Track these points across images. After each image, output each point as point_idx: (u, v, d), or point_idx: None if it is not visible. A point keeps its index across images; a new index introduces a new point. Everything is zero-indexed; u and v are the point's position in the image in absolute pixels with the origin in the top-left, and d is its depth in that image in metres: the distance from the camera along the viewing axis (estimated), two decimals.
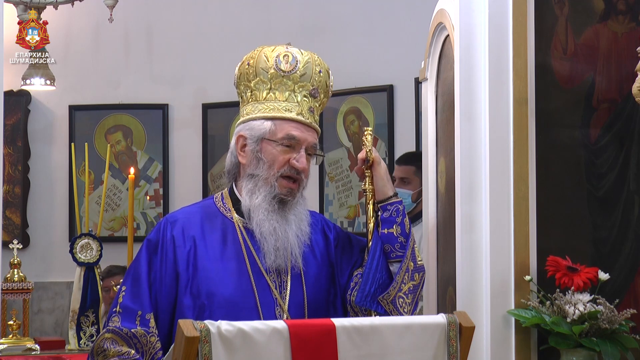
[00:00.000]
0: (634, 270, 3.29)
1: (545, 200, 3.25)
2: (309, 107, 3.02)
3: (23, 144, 6.87)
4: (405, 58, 6.16)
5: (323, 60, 3.07)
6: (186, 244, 2.94)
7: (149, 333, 2.87)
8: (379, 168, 3.04)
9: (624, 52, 3.27)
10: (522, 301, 3.20)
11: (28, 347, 5.44)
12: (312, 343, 2.50)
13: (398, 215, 3.02)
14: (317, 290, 2.99)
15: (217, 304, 2.88)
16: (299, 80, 3.00)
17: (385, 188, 3.04)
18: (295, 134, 2.97)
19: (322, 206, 6.78)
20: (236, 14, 6.88)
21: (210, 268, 2.92)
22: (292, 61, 3.00)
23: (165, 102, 7.00)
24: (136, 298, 2.89)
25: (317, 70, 3.02)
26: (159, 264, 2.92)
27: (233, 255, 2.95)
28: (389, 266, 2.99)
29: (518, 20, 3.25)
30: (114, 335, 2.87)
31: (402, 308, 2.94)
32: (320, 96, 3.05)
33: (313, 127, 3.03)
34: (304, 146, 2.99)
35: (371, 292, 2.92)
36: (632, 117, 3.29)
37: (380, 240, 2.99)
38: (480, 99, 3.27)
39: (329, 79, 3.08)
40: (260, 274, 2.94)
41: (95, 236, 5.69)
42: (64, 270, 6.52)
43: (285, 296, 2.94)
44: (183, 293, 2.90)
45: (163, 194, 7.00)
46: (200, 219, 3.00)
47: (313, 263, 3.02)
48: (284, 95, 3.00)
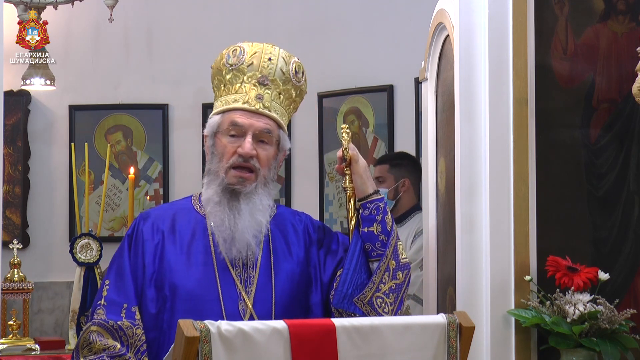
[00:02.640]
0: (634, 270, 3.29)
1: (545, 200, 3.25)
2: (257, 94, 3.00)
3: (23, 144, 6.86)
4: (405, 58, 6.16)
5: (282, 50, 3.06)
6: (155, 237, 2.99)
7: (134, 325, 2.90)
8: (356, 166, 3.00)
9: (624, 52, 3.27)
10: (522, 301, 3.20)
11: (28, 347, 5.44)
12: (312, 343, 2.50)
13: (378, 213, 2.98)
14: (288, 289, 2.97)
15: (179, 296, 2.91)
16: (246, 70, 3.02)
17: (364, 186, 3.00)
18: (238, 121, 2.98)
19: (322, 206, 6.78)
20: (236, 14, 6.88)
21: (175, 261, 2.95)
22: (240, 54, 3.04)
23: (165, 102, 6.99)
24: (121, 291, 2.93)
25: (266, 58, 3.02)
26: (133, 258, 2.97)
27: (200, 248, 2.97)
28: (370, 265, 2.96)
29: (518, 20, 3.25)
30: (99, 327, 2.89)
31: (382, 308, 2.90)
32: (277, 83, 3.02)
33: (262, 113, 3.00)
34: (251, 132, 2.97)
35: (348, 294, 2.89)
36: (632, 117, 3.30)
37: (360, 240, 2.96)
38: (480, 99, 3.27)
39: (288, 65, 3.05)
40: (226, 267, 2.95)
41: (95, 236, 5.69)
42: (64, 270, 6.51)
43: (250, 291, 2.94)
44: (147, 285, 2.94)
45: (163, 194, 6.99)
46: (172, 215, 3.04)
47: (286, 261, 3.00)
48: (235, 88, 3.02)
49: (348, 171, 3.01)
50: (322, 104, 6.80)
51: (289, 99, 3.07)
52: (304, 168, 6.85)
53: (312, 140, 6.81)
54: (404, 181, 5.16)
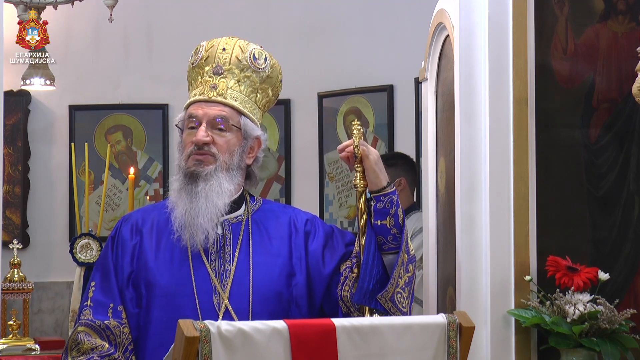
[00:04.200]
0: (634, 270, 3.29)
1: (545, 200, 3.25)
2: (212, 84, 3.03)
3: (23, 144, 6.86)
4: (405, 58, 6.16)
5: (241, 40, 3.08)
6: (134, 238, 3.00)
7: (121, 324, 2.92)
8: (368, 161, 2.97)
9: (624, 52, 3.27)
10: (522, 301, 3.20)
11: (28, 347, 5.44)
12: (312, 343, 2.50)
13: (392, 206, 2.96)
14: (268, 283, 2.95)
15: (154, 293, 2.92)
16: (204, 64, 3.07)
17: (377, 179, 2.97)
18: (193, 112, 3.02)
19: (322, 206, 6.78)
20: (236, 14, 6.88)
21: (152, 259, 2.96)
22: (199, 51, 3.10)
23: (165, 102, 6.99)
24: (107, 292, 2.95)
25: (221, 49, 3.06)
26: (115, 259, 2.99)
27: (176, 244, 2.97)
28: (383, 258, 2.96)
29: (518, 20, 3.25)
30: (86, 328, 2.91)
31: (400, 304, 2.91)
32: (233, 71, 3.03)
33: (215, 100, 3.01)
34: (205, 120, 2.99)
35: (369, 290, 2.88)
36: (632, 117, 3.30)
37: (374, 234, 2.95)
38: (480, 99, 3.27)
39: (244, 53, 3.05)
40: (201, 261, 2.95)
41: (95, 236, 5.69)
42: (64, 270, 6.52)
43: (226, 284, 2.93)
44: (125, 286, 2.95)
45: (163, 194, 6.99)
46: (152, 215, 3.05)
47: (267, 254, 2.99)
48: (197, 84, 3.07)
49: (359, 168, 2.98)
50: (322, 104, 6.80)
51: (251, 86, 3.06)
52: (304, 168, 6.85)
53: (312, 140, 6.81)
54: (400, 180, 5.16)
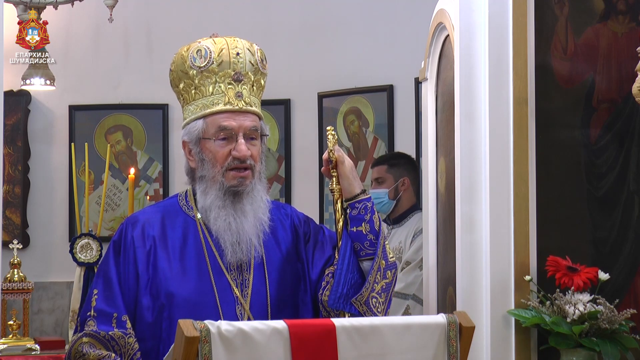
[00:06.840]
0: (634, 270, 3.29)
1: (545, 200, 3.25)
2: (236, 92, 2.98)
3: (23, 144, 6.86)
4: (405, 58, 6.16)
5: (243, 40, 3.04)
6: (146, 244, 2.95)
7: (126, 334, 2.88)
8: (342, 167, 3.01)
9: (624, 52, 3.27)
10: (522, 301, 3.20)
11: (28, 347, 5.44)
12: (312, 343, 2.50)
13: (366, 212, 2.99)
14: (282, 287, 2.97)
15: (176, 304, 2.89)
16: (217, 70, 2.98)
17: (351, 186, 3.01)
18: (225, 124, 2.96)
19: (322, 206, 6.78)
20: (236, 14, 6.88)
21: (169, 268, 2.93)
22: (206, 54, 2.99)
23: (165, 102, 6.99)
24: (110, 300, 2.90)
25: (234, 53, 2.99)
26: (123, 266, 2.93)
27: (193, 254, 2.95)
28: (360, 265, 2.97)
29: (518, 20, 3.25)
30: (91, 339, 2.87)
31: (376, 308, 2.92)
32: (249, 76, 3.00)
33: (246, 110, 2.98)
34: (241, 133, 2.96)
35: (344, 294, 2.90)
36: (632, 117, 3.30)
37: (349, 239, 2.97)
38: (480, 99, 3.28)
39: (254, 56, 3.02)
40: (221, 272, 2.94)
41: (95, 236, 5.68)
42: (64, 270, 6.51)
43: (247, 294, 2.93)
44: (143, 294, 2.91)
45: (163, 194, 6.99)
46: (161, 218, 3.01)
47: (278, 260, 3.00)
48: (209, 89, 2.99)
49: (335, 173, 3.03)
50: (322, 104, 6.80)
51: (259, 88, 3.06)
52: (304, 168, 6.85)
53: (312, 140, 6.81)
54: (403, 180, 5.16)
